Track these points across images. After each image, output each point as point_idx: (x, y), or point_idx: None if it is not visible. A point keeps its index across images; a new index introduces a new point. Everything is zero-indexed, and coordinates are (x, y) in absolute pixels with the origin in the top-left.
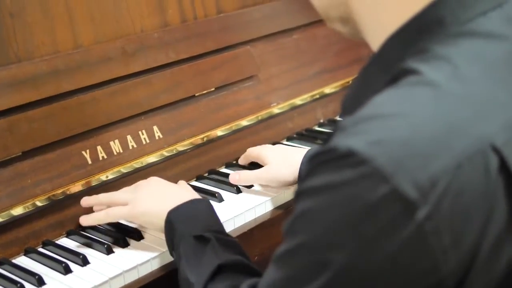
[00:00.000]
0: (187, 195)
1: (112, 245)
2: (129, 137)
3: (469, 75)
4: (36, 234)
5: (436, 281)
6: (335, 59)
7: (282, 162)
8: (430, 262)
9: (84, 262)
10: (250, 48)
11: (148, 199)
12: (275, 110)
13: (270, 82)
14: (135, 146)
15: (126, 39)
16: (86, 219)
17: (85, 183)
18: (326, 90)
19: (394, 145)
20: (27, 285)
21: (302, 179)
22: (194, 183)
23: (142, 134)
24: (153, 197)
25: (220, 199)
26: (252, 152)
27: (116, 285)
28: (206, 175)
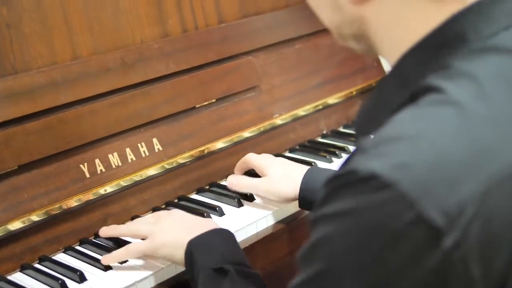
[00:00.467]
0: (208, 225)
1: None
2: (128, 150)
3: (494, 94)
4: (33, 250)
5: None
6: (339, 69)
7: (283, 176)
8: None
9: (81, 279)
10: (252, 58)
11: (169, 231)
12: (278, 121)
13: (272, 93)
14: (134, 159)
15: (126, 50)
16: (107, 259)
17: (83, 197)
18: (330, 101)
19: (419, 169)
20: None
21: (319, 204)
22: (195, 196)
23: (142, 147)
24: (174, 229)
25: (221, 213)
26: (253, 161)
27: None
28: (207, 188)
